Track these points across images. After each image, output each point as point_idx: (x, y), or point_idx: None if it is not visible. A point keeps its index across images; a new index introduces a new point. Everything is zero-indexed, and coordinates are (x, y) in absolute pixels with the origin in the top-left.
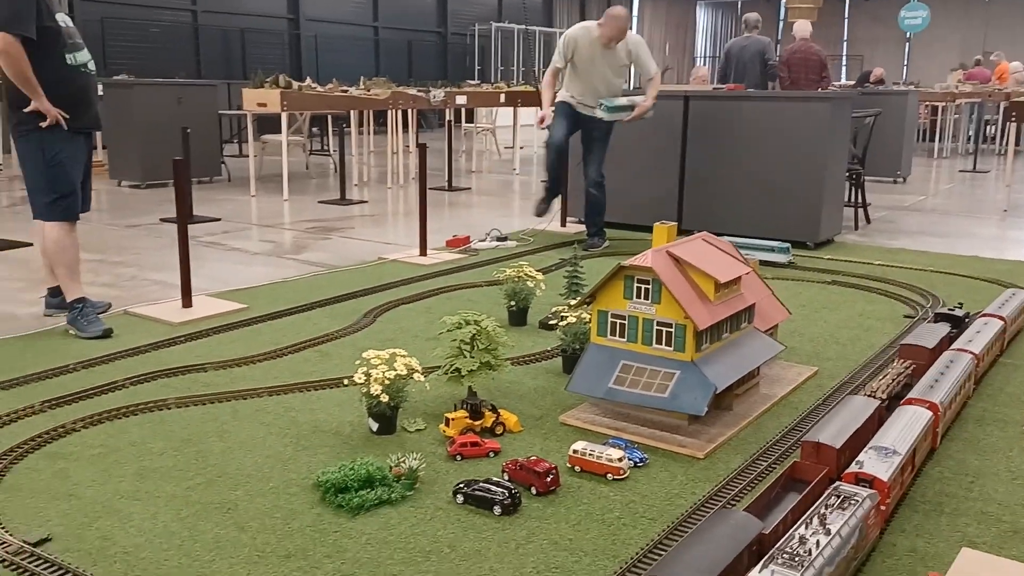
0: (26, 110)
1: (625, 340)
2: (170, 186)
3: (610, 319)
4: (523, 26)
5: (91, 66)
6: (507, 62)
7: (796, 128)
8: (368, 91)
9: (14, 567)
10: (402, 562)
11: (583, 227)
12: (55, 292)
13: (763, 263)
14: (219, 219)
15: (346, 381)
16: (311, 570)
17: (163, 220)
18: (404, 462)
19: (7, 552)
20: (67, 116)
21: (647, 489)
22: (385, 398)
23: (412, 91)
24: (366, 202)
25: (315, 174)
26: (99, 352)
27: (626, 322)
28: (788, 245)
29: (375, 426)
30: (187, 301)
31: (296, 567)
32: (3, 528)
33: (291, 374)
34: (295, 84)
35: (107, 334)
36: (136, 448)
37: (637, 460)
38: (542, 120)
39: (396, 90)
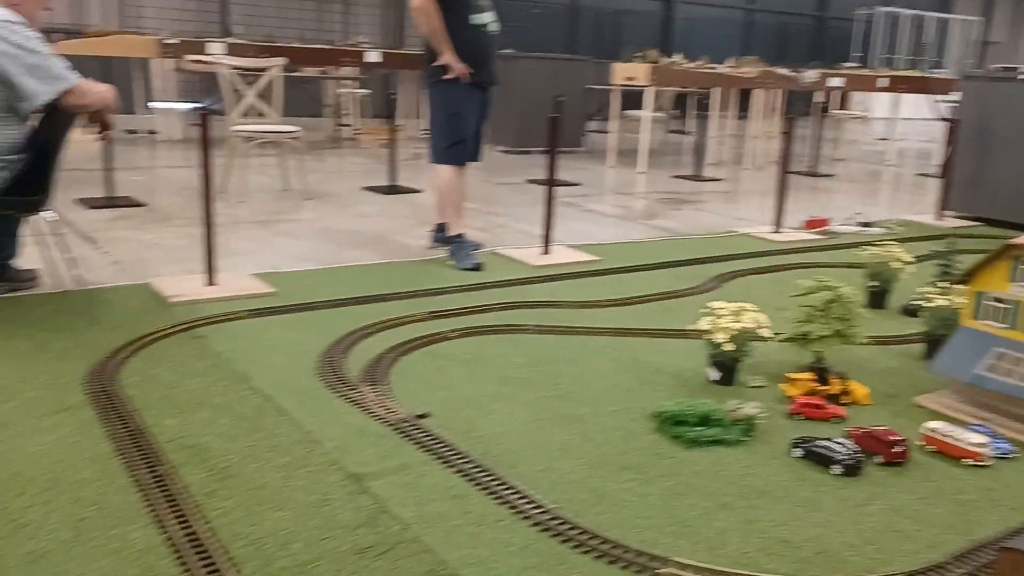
0: (435, 63)
1: (1004, 326)
2: (536, 153)
3: (988, 302)
4: (914, 11)
5: (493, 27)
6: (893, 50)
7: None
8: (736, 69)
9: (401, 432)
10: (734, 495)
11: (961, 221)
12: (440, 228)
13: None
14: (578, 184)
15: (689, 328)
16: (646, 483)
17: (529, 181)
18: (742, 408)
19: (397, 418)
20: (471, 71)
21: (1012, 479)
22: (729, 347)
23: (782, 71)
24: (720, 180)
25: (671, 151)
26: (471, 281)
27: (1007, 307)
28: None
29: (715, 375)
30: (546, 249)
31: (631, 478)
32: (395, 401)
33: (636, 321)
34: (663, 60)
35: (478, 267)
36: (499, 360)
37: (1003, 451)
38: None
39: (765, 69)
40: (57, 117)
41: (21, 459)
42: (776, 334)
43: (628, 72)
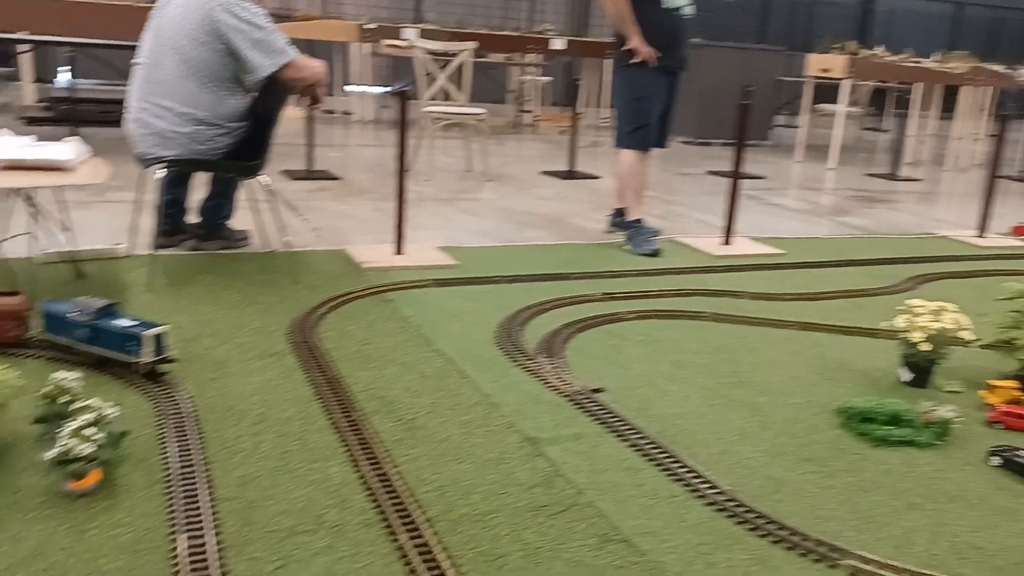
0: (623, 48)
1: None
2: (718, 146)
3: None
4: None
5: (688, 10)
6: None
7: None
8: (943, 64)
9: (576, 403)
10: (924, 496)
11: None
12: (618, 213)
13: None
14: (763, 177)
15: (883, 326)
16: (828, 476)
17: (710, 172)
18: (937, 411)
19: (572, 390)
20: (659, 55)
21: None
22: (926, 347)
23: (994, 67)
24: (918, 180)
25: (865, 149)
26: (648, 266)
27: None
28: None
29: (907, 376)
30: (728, 239)
31: (813, 470)
32: (570, 374)
33: (821, 316)
34: (863, 52)
35: (656, 253)
36: (674, 344)
37: None
38: None
39: (976, 65)
40: (275, 89)
41: (235, 395)
42: (976, 339)
43: (824, 64)
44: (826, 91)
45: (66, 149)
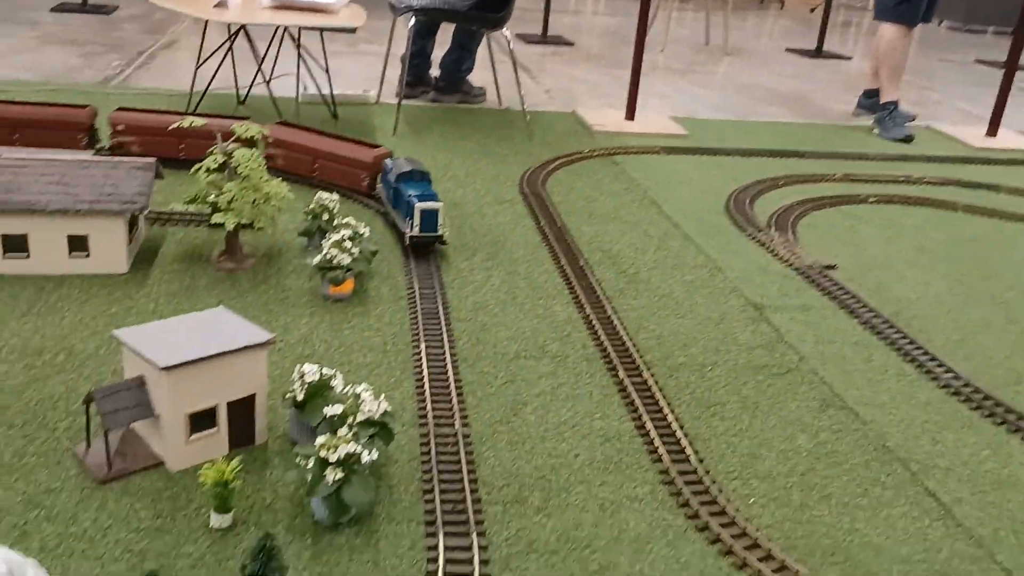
0: None
1: None
2: (990, 34)
3: None
4: None
5: None
6: None
7: None
8: None
9: (805, 276)
10: None
11: None
12: (870, 94)
13: None
14: None
15: None
16: None
17: (978, 61)
18: None
19: (802, 264)
20: None
21: None
22: None
23: None
24: None
25: None
26: (896, 151)
27: None
28: None
29: None
30: (993, 130)
31: None
32: (803, 249)
33: None
34: None
35: (908, 139)
36: (918, 231)
37: None
38: None
39: None
40: None
41: (469, 232)
42: None
43: None
44: None
45: None
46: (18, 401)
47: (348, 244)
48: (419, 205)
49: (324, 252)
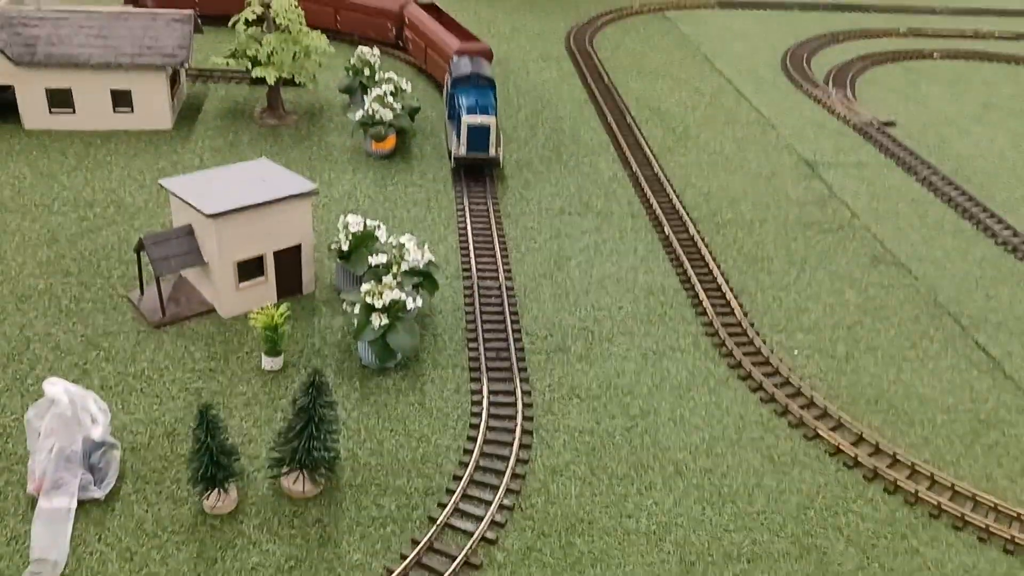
0: None
1: None
2: None
3: None
4: None
5: None
6: None
7: None
8: None
9: (862, 133)
10: None
11: None
12: None
13: None
14: None
15: None
16: None
17: None
18: None
19: (860, 120)
20: None
21: None
22: None
23: None
24: None
25: None
26: (965, 4)
27: None
28: None
29: None
30: None
31: None
32: (862, 106)
33: None
34: None
35: None
36: (987, 87)
37: None
38: None
39: None
40: None
41: (512, 89)
42: None
43: None
44: None
45: None
46: (73, 250)
47: (390, 99)
48: (467, 119)
49: (366, 107)
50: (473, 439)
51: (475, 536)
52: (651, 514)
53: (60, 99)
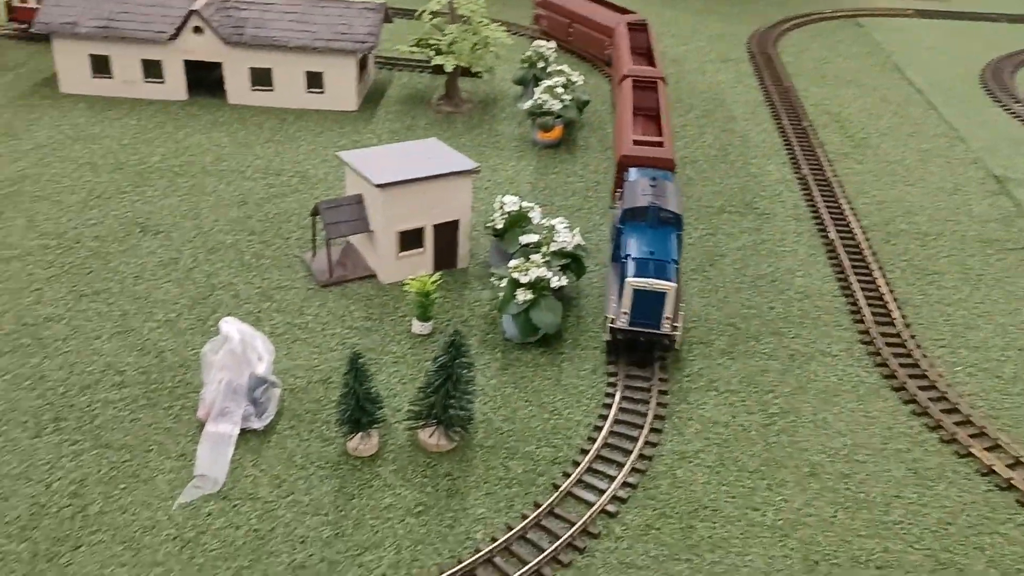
0: None
1: None
2: None
3: None
4: None
5: None
6: None
7: None
8: None
9: None
10: None
11: None
12: None
13: None
14: None
15: None
16: None
17: None
18: None
19: None
20: None
21: None
22: None
23: None
24: None
25: None
26: None
27: None
28: None
29: None
30: None
31: None
32: None
33: None
34: None
35: None
36: None
37: None
38: None
39: None
40: None
41: (687, 89)
42: None
43: None
44: None
45: None
46: (259, 212)
47: (560, 91)
48: (633, 281)
49: (535, 97)
50: (604, 417)
51: (596, 506)
52: (779, 510)
53: (261, 78)
